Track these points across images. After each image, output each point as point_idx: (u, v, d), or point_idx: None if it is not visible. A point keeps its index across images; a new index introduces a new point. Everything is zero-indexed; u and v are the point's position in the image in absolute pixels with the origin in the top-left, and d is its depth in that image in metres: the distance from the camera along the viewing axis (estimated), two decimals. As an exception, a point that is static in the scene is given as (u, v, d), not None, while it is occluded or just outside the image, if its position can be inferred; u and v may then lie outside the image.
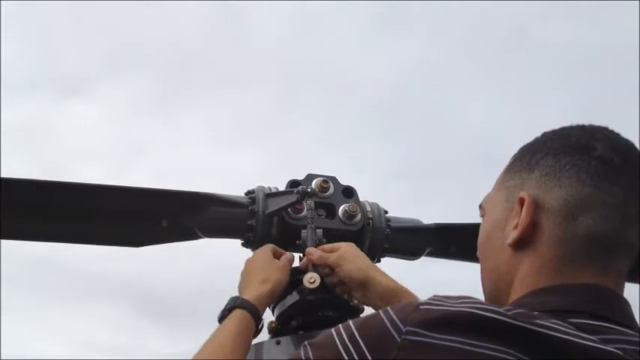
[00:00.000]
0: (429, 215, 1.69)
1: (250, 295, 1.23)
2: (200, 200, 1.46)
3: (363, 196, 1.57)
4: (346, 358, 0.74)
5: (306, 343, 0.80)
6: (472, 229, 1.38)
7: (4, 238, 1.42)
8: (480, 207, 0.96)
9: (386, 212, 1.57)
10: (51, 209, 1.39)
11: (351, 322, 0.78)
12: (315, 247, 1.37)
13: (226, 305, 1.21)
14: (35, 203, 1.38)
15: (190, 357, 1.09)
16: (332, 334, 0.77)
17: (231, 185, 1.54)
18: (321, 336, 0.80)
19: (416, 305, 0.75)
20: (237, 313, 1.19)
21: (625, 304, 0.82)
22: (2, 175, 1.33)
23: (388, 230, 1.54)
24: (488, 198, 0.95)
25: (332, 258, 1.34)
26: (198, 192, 1.47)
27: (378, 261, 1.57)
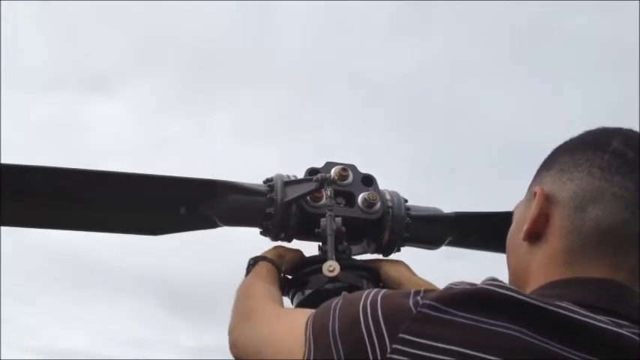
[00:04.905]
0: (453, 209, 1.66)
1: (267, 255, 1.40)
2: (218, 188, 1.45)
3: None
4: (362, 320, 0.76)
5: (344, 293, 0.86)
6: (493, 218, 1.36)
7: (17, 225, 1.42)
8: (512, 213, 0.97)
9: (406, 201, 1.54)
10: (67, 196, 1.39)
11: (381, 291, 0.80)
12: (336, 235, 1.36)
13: (247, 264, 1.38)
14: (51, 190, 1.37)
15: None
16: (361, 295, 0.80)
17: (256, 179, 1.53)
18: (356, 293, 0.83)
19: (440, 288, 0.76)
20: (260, 264, 1.36)
21: (638, 300, 0.81)
22: (19, 163, 1.33)
23: (408, 219, 1.51)
24: (517, 204, 0.96)
25: (375, 263, 1.47)
26: (216, 180, 1.46)
27: (398, 250, 1.55)
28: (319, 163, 1.52)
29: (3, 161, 1.32)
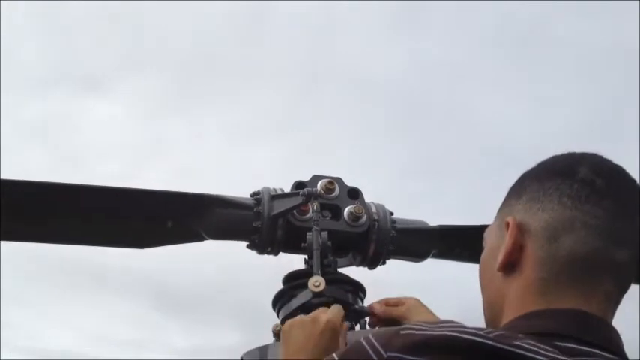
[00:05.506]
0: (444, 214, 1.68)
1: None
2: (205, 202, 1.46)
3: (379, 194, 1.57)
4: None
5: None
6: (476, 231, 1.37)
7: (7, 239, 1.43)
8: (484, 239, 0.98)
9: (391, 214, 1.56)
10: (56, 211, 1.40)
11: (334, 354, 0.78)
12: (322, 249, 1.37)
13: None
14: (40, 205, 1.38)
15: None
16: None
17: (250, 183, 1.54)
18: None
19: (397, 330, 0.76)
20: None
21: (612, 332, 0.83)
22: (7, 177, 1.34)
23: (394, 232, 1.53)
24: (488, 229, 0.97)
25: (398, 311, 1.39)
26: (204, 194, 1.47)
27: (384, 263, 1.56)
28: (314, 168, 1.54)
29: None
